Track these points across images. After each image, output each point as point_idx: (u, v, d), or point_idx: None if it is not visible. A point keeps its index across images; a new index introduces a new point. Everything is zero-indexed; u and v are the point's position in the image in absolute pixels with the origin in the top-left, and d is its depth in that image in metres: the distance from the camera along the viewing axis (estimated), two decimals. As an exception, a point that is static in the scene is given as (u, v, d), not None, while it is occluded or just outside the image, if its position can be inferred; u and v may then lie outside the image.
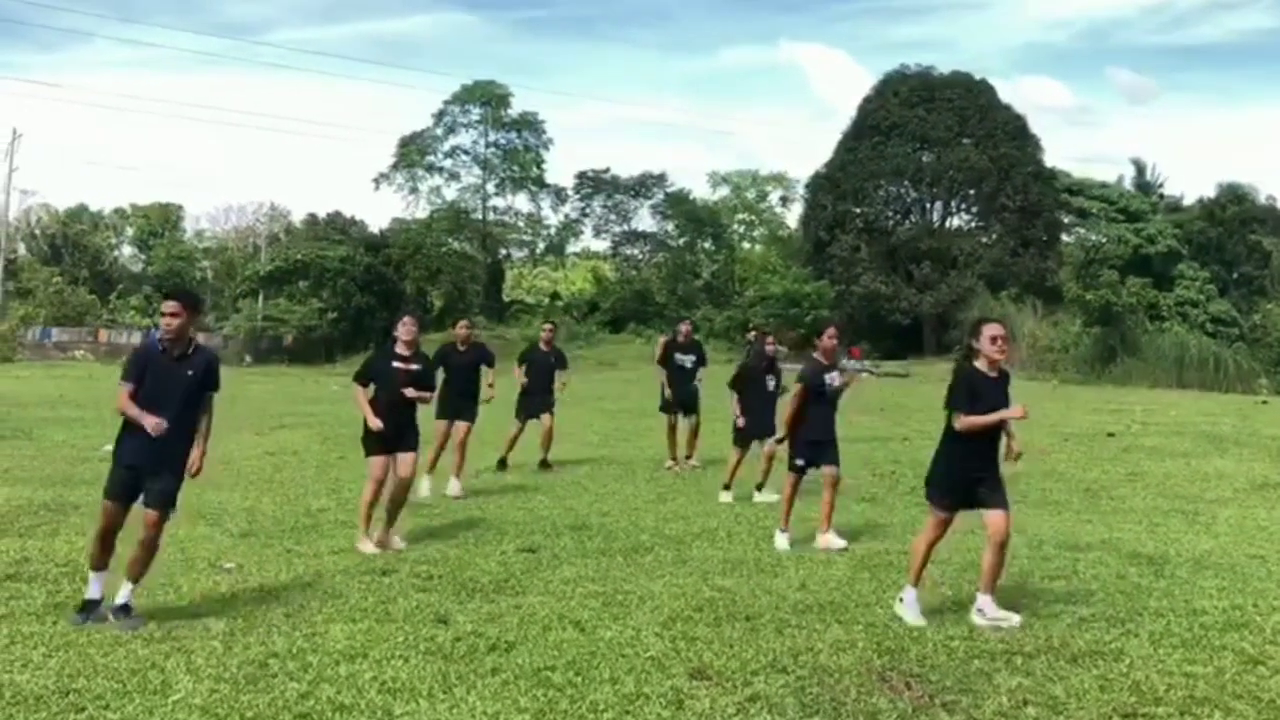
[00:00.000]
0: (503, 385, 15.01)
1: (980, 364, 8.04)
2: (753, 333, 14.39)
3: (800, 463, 10.83)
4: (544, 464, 16.12)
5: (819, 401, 10.86)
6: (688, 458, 16.63)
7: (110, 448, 7.96)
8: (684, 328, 17.50)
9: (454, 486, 13.63)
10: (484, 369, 14.34)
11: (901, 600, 8.04)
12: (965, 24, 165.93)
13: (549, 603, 8.26)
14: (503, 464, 15.94)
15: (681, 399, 16.69)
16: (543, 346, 16.86)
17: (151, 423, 7.48)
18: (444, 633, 7.38)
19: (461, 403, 13.95)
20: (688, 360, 16.85)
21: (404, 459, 10.47)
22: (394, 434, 10.42)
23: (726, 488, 13.55)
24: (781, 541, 10.67)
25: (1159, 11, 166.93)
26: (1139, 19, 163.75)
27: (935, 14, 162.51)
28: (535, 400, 16.23)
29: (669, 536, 11.05)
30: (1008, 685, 6.48)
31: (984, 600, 7.92)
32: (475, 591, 8.62)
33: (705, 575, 9.28)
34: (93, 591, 7.72)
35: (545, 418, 16.18)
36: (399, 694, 6.18)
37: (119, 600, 7.63)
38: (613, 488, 14.46)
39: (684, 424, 16.71)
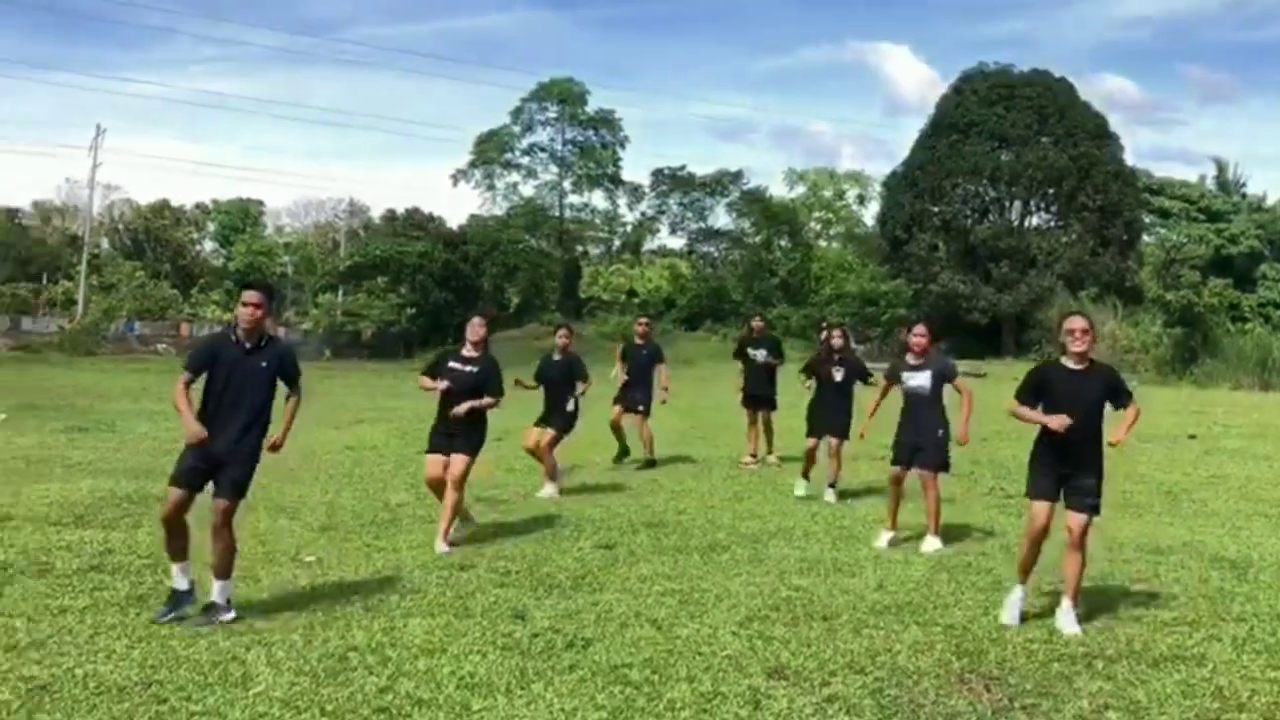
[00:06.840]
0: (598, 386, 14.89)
1: (1067, 360, 7.97)
2: (825, 330, 14.36)
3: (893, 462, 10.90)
4: (650, 463, 16.08)
5: (904, 400, 10.91)
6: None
7: None
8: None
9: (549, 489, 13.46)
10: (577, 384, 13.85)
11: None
12: (1041, 22, 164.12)
13: (626, 600, 8.27)
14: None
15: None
16: (638, 340, 16.89)
17: (190, 431, 7.51)
18: (521, 629, 7.42)
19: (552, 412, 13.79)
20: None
21: (450, 461, 10.27)
22: (445, 434, 10.38)
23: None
24: (881, 540, 10.74)
25: (1242, 5, 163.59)
26: (1221, 15, 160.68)
27: (1013, 12, 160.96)
28: (630, 393, 16.26)
29: (745, 535, 11.04)
30: (1089, 689, 6.41)
31: (1065, 604, 7.82)
32: (552, 588, 8.66)
33: (782, 574, 9.26)
34: (177, 583, 7.61)
35: (634, 418, 16.21)
36: (477, 689, 6.21)
37: (211, 598, 7.53)
38: (689, 485, 14.44)
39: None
